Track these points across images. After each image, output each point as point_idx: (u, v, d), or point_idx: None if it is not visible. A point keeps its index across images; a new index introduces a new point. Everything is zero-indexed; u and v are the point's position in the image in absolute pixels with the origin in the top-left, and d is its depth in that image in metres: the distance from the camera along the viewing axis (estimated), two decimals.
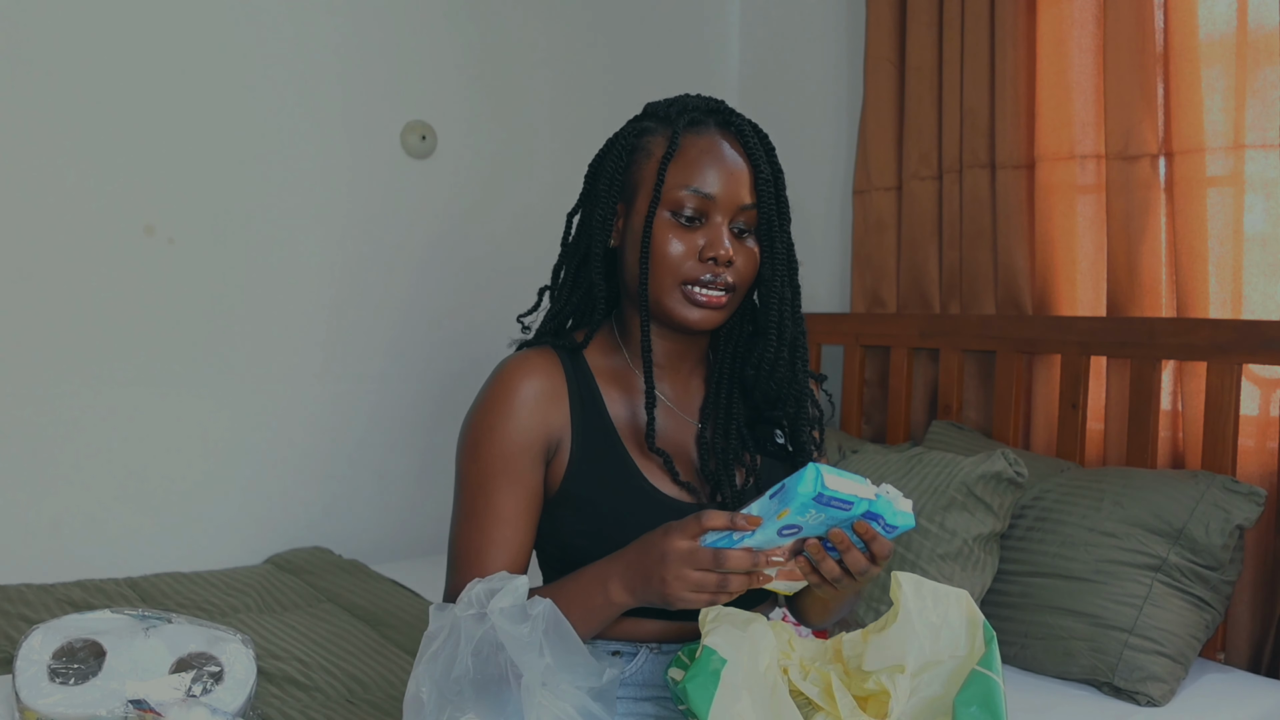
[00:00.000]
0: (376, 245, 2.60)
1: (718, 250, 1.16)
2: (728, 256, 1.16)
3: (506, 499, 1.16)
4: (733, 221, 1.18)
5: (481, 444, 1.17)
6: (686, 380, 1.27)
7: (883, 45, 2.58)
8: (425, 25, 2.63)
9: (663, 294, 1.18)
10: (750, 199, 1.18)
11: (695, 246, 1.17)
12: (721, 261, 1.16)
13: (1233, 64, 1.96)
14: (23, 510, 2.23)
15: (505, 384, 1.18)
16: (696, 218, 1.17)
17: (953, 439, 2.28)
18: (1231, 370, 1.88)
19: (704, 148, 1.19)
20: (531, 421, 1.17)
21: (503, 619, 1.01)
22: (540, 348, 1.23)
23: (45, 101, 2.21)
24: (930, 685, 1.05)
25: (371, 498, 2.64)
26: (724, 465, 1.21)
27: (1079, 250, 2.24)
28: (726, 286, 1.17)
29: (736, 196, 1.17)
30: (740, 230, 1.19)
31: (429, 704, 1.03)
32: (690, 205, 1.17)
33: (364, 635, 1.95)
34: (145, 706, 1.26)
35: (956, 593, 1.08)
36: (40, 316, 2.23)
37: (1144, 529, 1.78)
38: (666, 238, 1.17)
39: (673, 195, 1.17)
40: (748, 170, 1.19)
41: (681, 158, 1.18)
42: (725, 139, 1.20)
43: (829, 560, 1.05)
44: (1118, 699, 1.70)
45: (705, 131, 1.20)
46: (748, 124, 1.22)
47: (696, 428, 1.25)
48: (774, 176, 1.21)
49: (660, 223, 1.17)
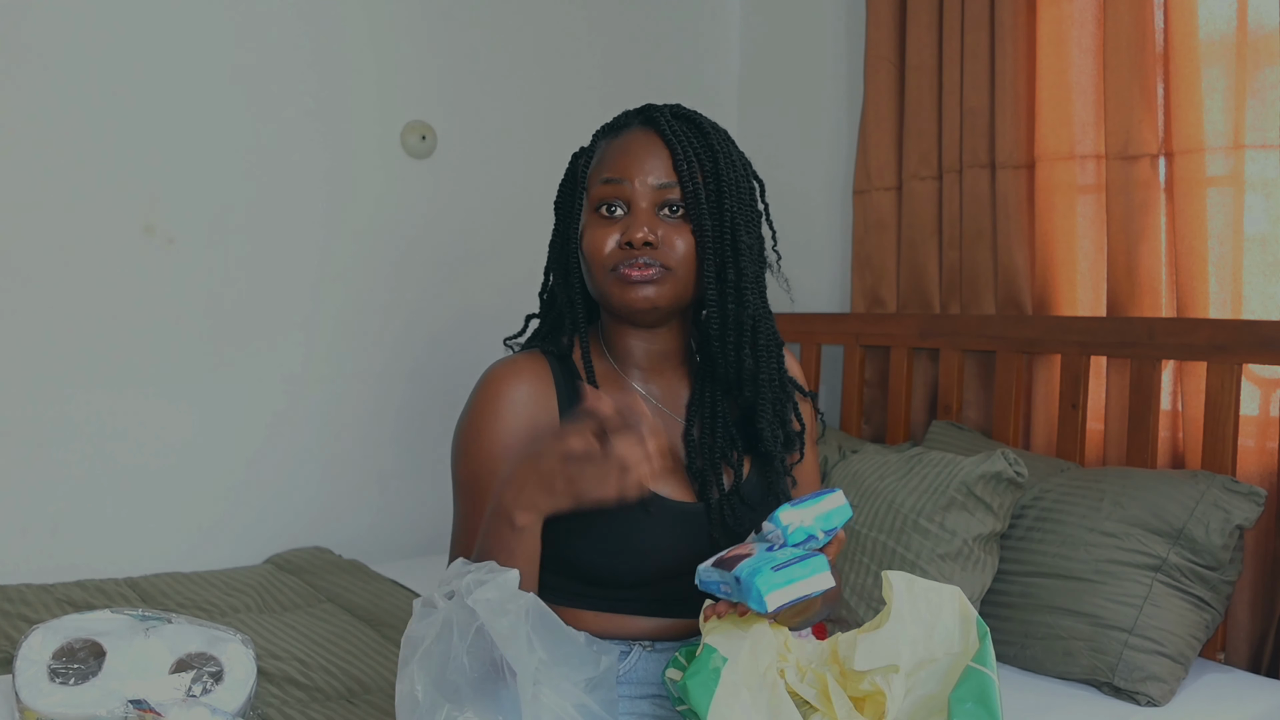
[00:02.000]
0: (376, 245, 2.60)
1: (633, 234, 1.17)
2: (643, 239, 1.17)
3: None
4: (659, 206, 1.20)
5: (471, 448, 1.19)
6: (672, 379, 1.28)
7: (883, 45, 2.58)
8: (425, 25, 2.63)
9: (601, 286, 1.21)
10: (669, 178, 1.19)
11: (619, 236, 1.19)
12: (637, 244, 1.17)
13: (1233, 64, 1.96)
14: (23, 510, 2.23)
15: (492, 388, 1.21)
16: (618, 208, 1.20)
17: (953, 439, 2.28)
18: (1231, 370, 1.88)
19: (619, 144, 1.22)
20: (518, 424, 1.19)
21: (485, 610, 1.00)
22: (528, 352, 1.26)
23: (45, 102, 2.21)
24: (926, 684, 1.05)
25: (371, 498, 2.64)
26: (711, 464, 1.22)
27: (1079, 250, 2.24)
28: (655, 264, 1.18)
29: (650, 177, 1.19)
30: (672, 213, 1.20)
31: (424, 703, 1.02)
32: (609, 195, 1.20)
33: (364, 635, 1.95)
34: (145, 706, 1.26)
35: (949, 589, 1.08)
36: (40, 316, 2.23)
37: (1144, 529, 1.78)
38: (593, 233, 1.20)
39: (594, 193, 1.21)
40: (666, 153, 1.20)
41: (600, 158, 1.23)
42: (642, 131, 1.23)
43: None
44: (1118, 699, 1.70)
45: (624, 131, 1.24)
46: (672, 113, 1.23)
47: (683, 425, 1.26)
48: (701, 156, 1.20)
49: (589, 223, 1.21)
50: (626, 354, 1.26)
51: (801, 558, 1.01)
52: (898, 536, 1.88)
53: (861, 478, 2.02)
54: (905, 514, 1.89)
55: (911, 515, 1.88)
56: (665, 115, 1.22)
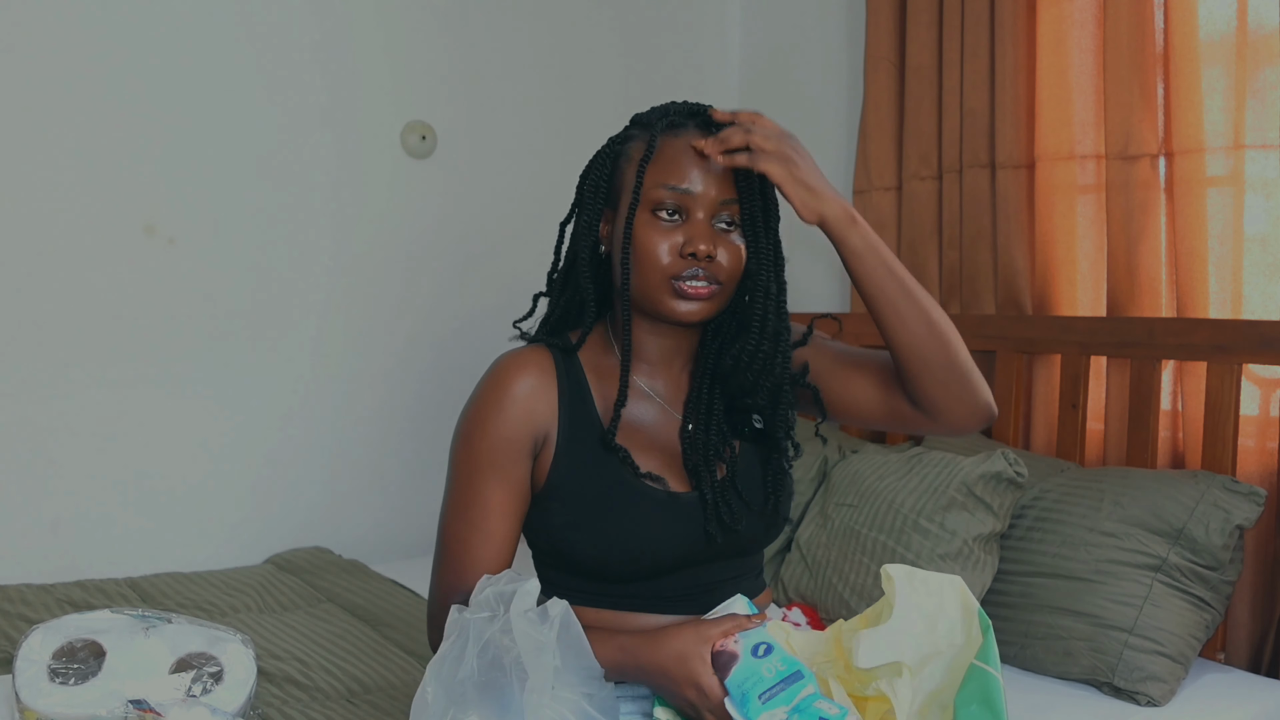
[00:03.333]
0: (376, 245, 2.60)
1: (698, 245, 1.17)
2: (708, 251, 1.17)
3: (494, 492, 1.20)
4: (715, 217, 1.20)
5: (473, 438, 1.21)
6: (678, 377, 1.29)
7: (883, 45, 2.58)
8: (425, 25, 2.63)
9: (651, 290, 1.20)
10: (731, 194, 1.20)
11: (677, 243, 1.18)
12: (701, 256, 1.17)
13: (1233, 64, 1.96)
14: (23, 510, 2.23)
15: (498, 381, 1.22)
16: (677, 214, 1.19)
17: (953, 439, 2.28)
18: (1231, 370, 1.88)
19: (681, 147, 1.21)
20: (521, 417, 1.20)
21: (523, 622, 1.03)
22: (535, 346, 1.26)
23: (45, 102, 2.21)
24: (930, 678, 1.05)
25: (371, 498, 2.64)
26: (705, 460, 1.23)
27: (1079, 250, 2.24)
28: (711, 279, 1.19)
29: (716, 191, 1.19)
30: (726, 225, 1.21)
31: (434, 704, 1.04)
32: (669, 202, 1.19)
33: (364, 635, 1.95)
34: (145, 706, 1.26)
35: (949, 579, 1.08)
36: (40, 316, 2.23)
37: (1144, 529, 1.78)
38: (649, 236, 1.19)
39: (652, 194, 1.19)
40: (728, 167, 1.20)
41: (659, 158, 1.20)
42: (702, 137, 1.21)
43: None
44: (1118, 699, 1.70)
45: (683, 133, 1.22)
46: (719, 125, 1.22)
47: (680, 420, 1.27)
48: (758, 173, 1.21)
49: (641, 222, 1.20)
50: (639, 348, 1.26)
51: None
52: (898, 536, 1.88)
53: (861, 478, 2.02)
54: (905, 514, 1.89)
55: (911, 515, 1.88)
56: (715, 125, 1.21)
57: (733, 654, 1.09)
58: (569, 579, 1.23)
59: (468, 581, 1.18)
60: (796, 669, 1.06)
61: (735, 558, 1.27)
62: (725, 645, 1.10)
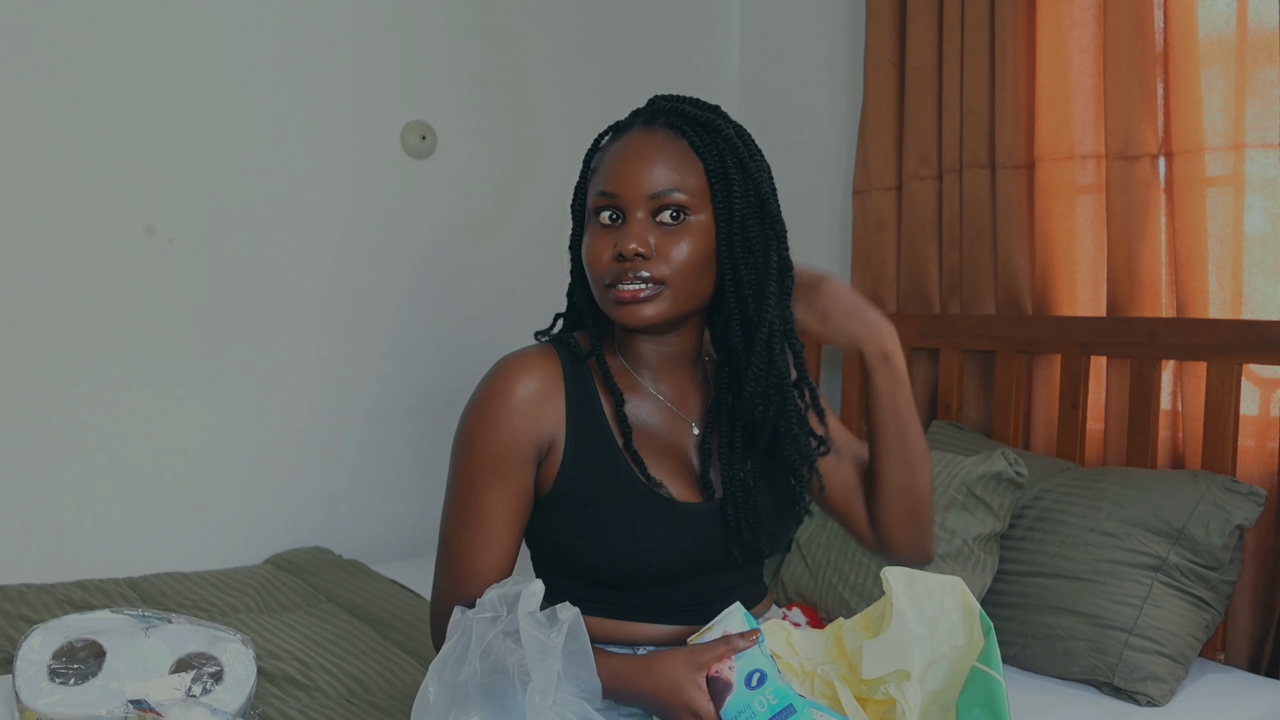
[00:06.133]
0: (376, 245, 2.60)
1: (624, 246, 1.13)
2: (635, 249, 1.12)
3: (496, 498, 1.17)
4: (656, 213, 1.15)
5: (475, 442, 1.17)
6: (683, 380, 1.26)
7: (883, 45, 2.58)
8: (425, 25, 2.63)
9: (598, 298, 1.19)
10: (665, 185, 1.14)
11: (613, 247, 1.15)
12: (629, 256, 1.13)
13: (1233, 64, 1.96)
14: (23, 510, 2.23)
15: (501, 383, 1.18)
16: (618, 218, 1.16)
17: (953, 439, 2.28)
18: (1231, 370, 1.88)
19: (616, 150, 1.18)
20: (525, 422, 1.16)
21: (530, 624, 1.02)
22: (541, 347, 1.23)
23: (45, 101, 2.21)
24: (932, 679, 1.05)
25: (371, 498, 2.64)
26: (729, 475, 1.21)
27: (1079, 250, 2.24)
28: (648, 279, 1.13)
29: (644, 186, 1.14)
30: (673, 219, 1.14)
31: (435, 705, 1.04)
32: (604, 206, 1.16)
33: (364, 635, 1.95)
34: (145, 706, 1.26)
35: (950, 580, 1.08)
36: (40, 316, 2.23)
37: (1144, 529, 1.78)
38: (590, 244, 1.17)
39: (592, 202, 1.18)
40: (666, 156, 1.15)
41: (600, 163, 1.19)
42: (642, 134, 1.18)
43: None
44: (1118, 699, 1.70)
45: (624, 134, 1.19)
46: (674, 110, 1.19)
47: (694, 430, 1.25)
48: (707, 156, 1.16)
49: (589, 231, 1.18)
50: (638, 355, 1.24)
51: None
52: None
53: None
54: None
55: None
56: (666, 114, 1.18)
57: (727, 682, 1.07)
58: (570, 585, 1.20)
59: (470, 590, 1.16)
60: (789, 703, 1.05)
61: (740, 567, 1.25)
62: (720, 672, 1.08)
